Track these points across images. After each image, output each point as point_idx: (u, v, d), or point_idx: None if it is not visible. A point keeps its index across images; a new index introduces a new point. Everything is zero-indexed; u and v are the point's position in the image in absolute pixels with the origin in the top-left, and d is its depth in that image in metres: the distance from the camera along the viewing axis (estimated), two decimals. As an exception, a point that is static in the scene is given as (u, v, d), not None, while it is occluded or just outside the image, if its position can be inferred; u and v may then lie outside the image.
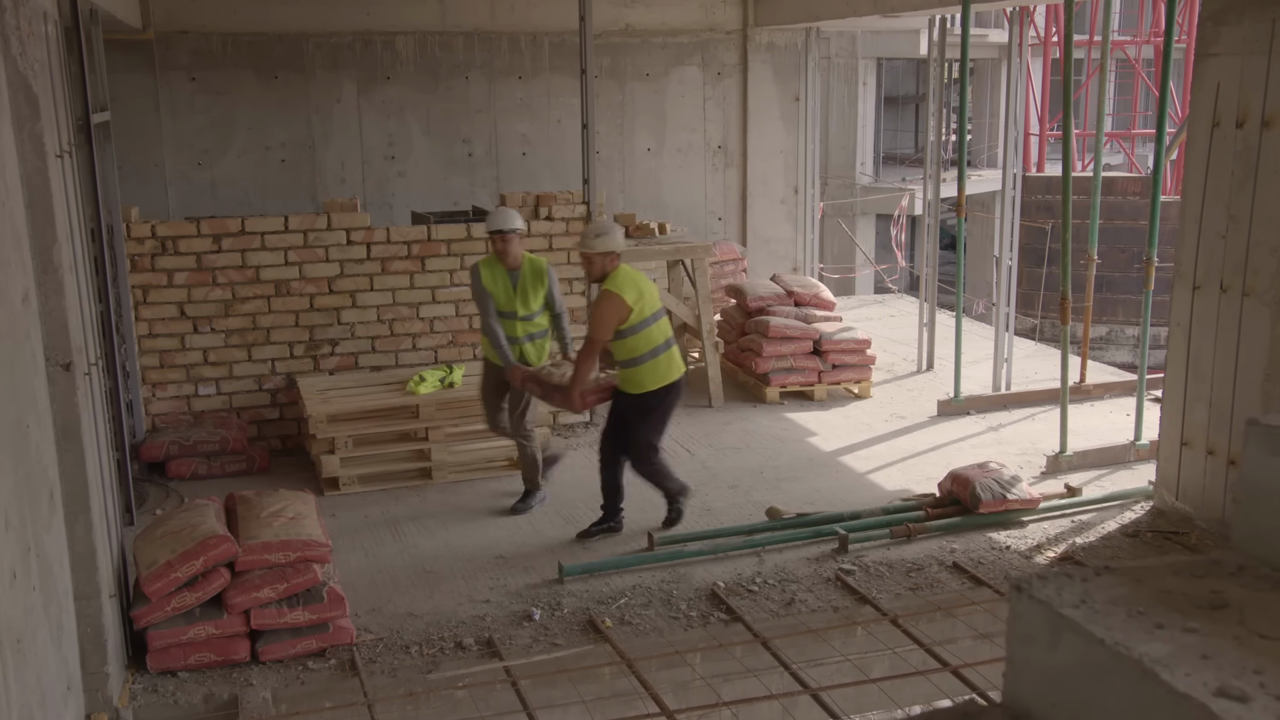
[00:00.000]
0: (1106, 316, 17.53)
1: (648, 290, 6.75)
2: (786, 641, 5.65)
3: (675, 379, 6.82)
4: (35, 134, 4.51)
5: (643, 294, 6.68)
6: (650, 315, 6.70)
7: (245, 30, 11.04)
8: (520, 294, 7.23)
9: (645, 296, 6.69)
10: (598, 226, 6.85)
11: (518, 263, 7.26)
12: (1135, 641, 1.24)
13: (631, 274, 6.75)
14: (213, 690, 5.26)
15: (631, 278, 6.71)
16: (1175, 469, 6.94)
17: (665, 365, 6.76)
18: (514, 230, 7.18)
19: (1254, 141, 6.24)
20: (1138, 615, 1.31)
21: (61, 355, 4.68)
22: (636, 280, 6.72)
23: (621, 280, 6.64)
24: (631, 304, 6.58)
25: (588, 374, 6.79)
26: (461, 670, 5.38)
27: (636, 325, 6.63)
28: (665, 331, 6.81)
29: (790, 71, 12.75)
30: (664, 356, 6.74)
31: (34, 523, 4.12)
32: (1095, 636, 1.26)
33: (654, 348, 6.70)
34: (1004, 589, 6.15)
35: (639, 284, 6.70)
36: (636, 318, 6.61)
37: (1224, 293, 6.48)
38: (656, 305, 6.81)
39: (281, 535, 5.51)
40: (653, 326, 6.70)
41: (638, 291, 6.65)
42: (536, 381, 7.03)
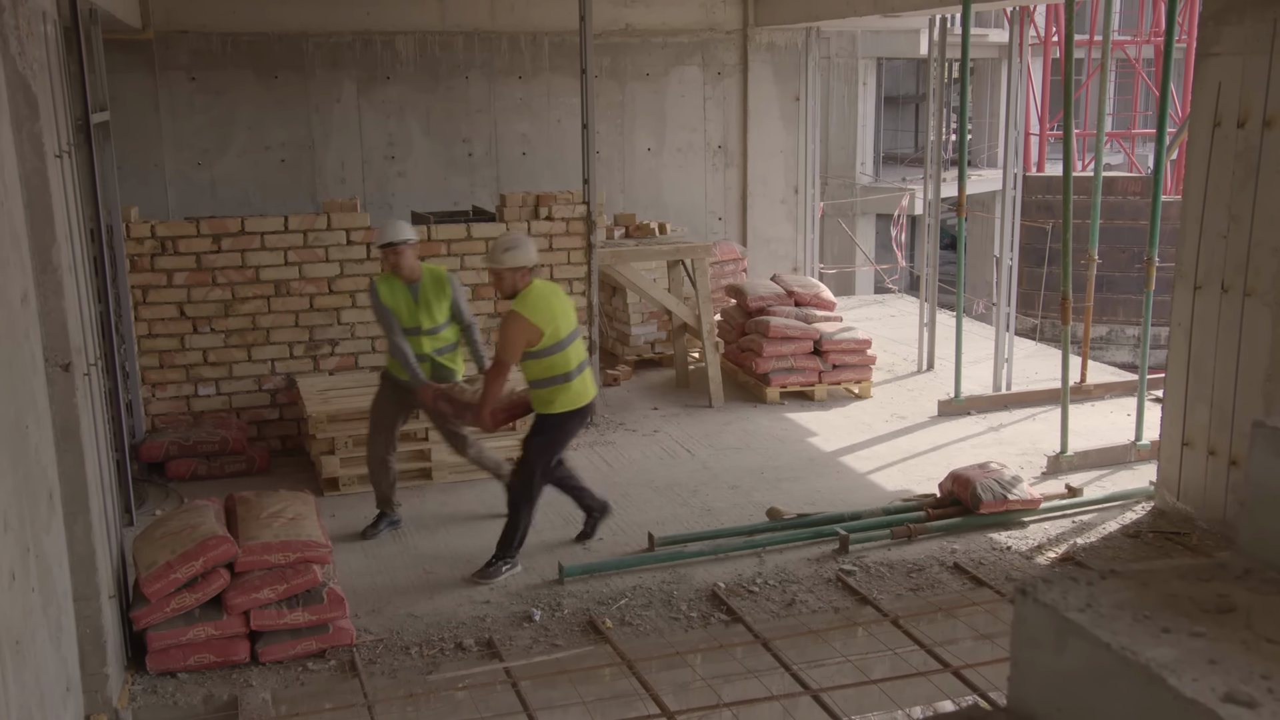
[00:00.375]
0: (1107, 316, 17.53)
1: (562, 310, 6.33)
2: (787, 642, 5.64)
3: (583, 405, 6.44)
4: (34, 134, 4.50)
5: (555, 315, 6.24)
6: (565, 337, 6.28)
7: (245, 30, 11.03)
8: (423, 307, 6.86)
9: (560, 318, 6.27)
10: (507, 240, 6.36)
11: (416, 275, 6.87)
12: (1142, 646, 1.23)
13: (546, 292, 6.34)
14: (212, 691, 5.25)
15: (545, 297, 6.28)
16: (1176, 469, 6.93)
17: (576, 390, 6.37)
18: (405, 242, 6.79)
19: (1255, 141, 6.23)
20: (1144, 619, 1.30)
21: (60, 356, 4.67)
22: (550, 300, 6.30)
23: (533, 300, 6.21)
24: (542, 326, 6.16)
25: (498, 394, 6.38)
26: (462, 671, 5.37)
27: (549, 348, 6.23)
28: (580, 354, 6.43)
29: (790, 71, 12.75)
30: (576, 380, 6.37)
31: (33, 524, 4.11)
32: (1101, 641, 1.25)
33: (566, 372, 6.31)
34: (1005, 590, 6.14)
35: (553, 304, 6.28)
36: (549, 340, 6.21)
37: (1225, 293, 6.47)
38: (572, 326, 6.39)
39: (281, 536, 5.50)
40: (567, 349, 6.30)
41: (550, 312, 6.22)
42: (448, 400, 6.70)
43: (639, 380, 10.59)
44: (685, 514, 7.39)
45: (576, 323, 6.49)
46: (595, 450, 8.64)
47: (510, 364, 6.26)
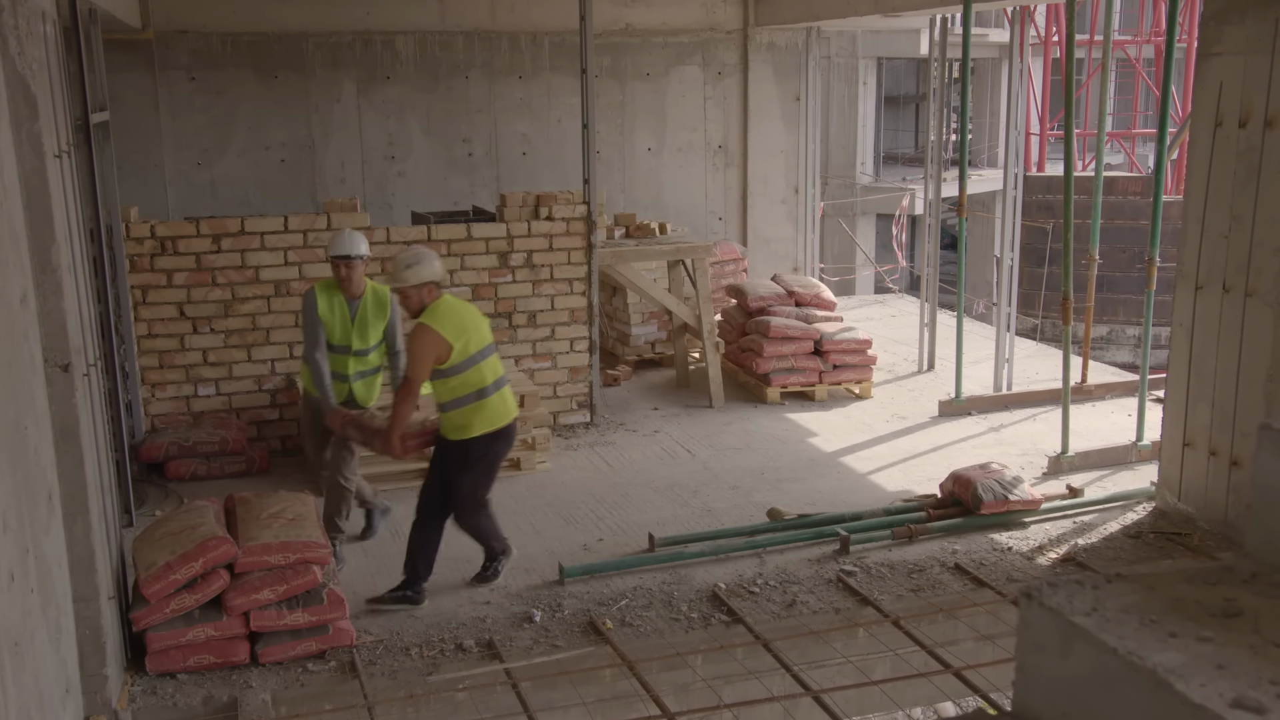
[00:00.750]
0: (1107, 316, 17.52)
1: (473, 324, 6.01)
2: (788, 643, 5.63)
3: (504, 424, 6.09)
4: (33, 134, 4.49)
5: (466, 329, 5.93)
6: (477, 352, 5.96)
7: (245, 30, 11.02)
8: (359, 326, 6.55)
9: (470, 331, 5.95)
10: (408, 256, 6.01)
11: (360, 291, 6.57)
12: (1149, 651, 1.22)
13: (455, 307, 6.03)
14: (212, 692, 5.24)
15: (454, 311, 5.97)
16: (1178, 470, 6.92)
17: (494, 409, 6.03)
18: (360, 256, 6.50)
19: (1257, 141, 6.22)
20: (1150, 624, 1.28)
21: (60, 356, 4.66)
22: (460, 314, 5.99)
23: (441, 313, 5.91)
24: (451, 339, 5.84)
25: (407, 415, 6.00)
26: (462, 672, 5.36)
27: (459, 364, 5.89)
28: (496, 370, 6.08)
29: (791, 71, 12.74)
30: (494, 398, 6.01)
31: (32, 525, 4.10)
32: (1108, 646, 1.24)
33: (480, 388, 5.96)
34: (1006, 590, 6.13)
35: (463, 318, 5.97)
36: (459, 355, 5.88)
37: (1227, 293, 6.46)
38: (485, 340, 6.06)
39: (281, 537, 5.49)
40: (480, 364, 5.96)
41: (460, 326, 5.90)
42: (357, 427, 6.31)
43: (639, 380, 10.58)
44: (686, 514, 7.38)
45: (491, 339, 6.15)
46: (595, 450, 8.63)
47: (419, 381, 5.92)
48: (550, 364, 9.11)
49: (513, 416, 6.20)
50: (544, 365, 9.08)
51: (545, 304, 9.01)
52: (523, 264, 8.90)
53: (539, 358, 9.07)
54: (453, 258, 8.80)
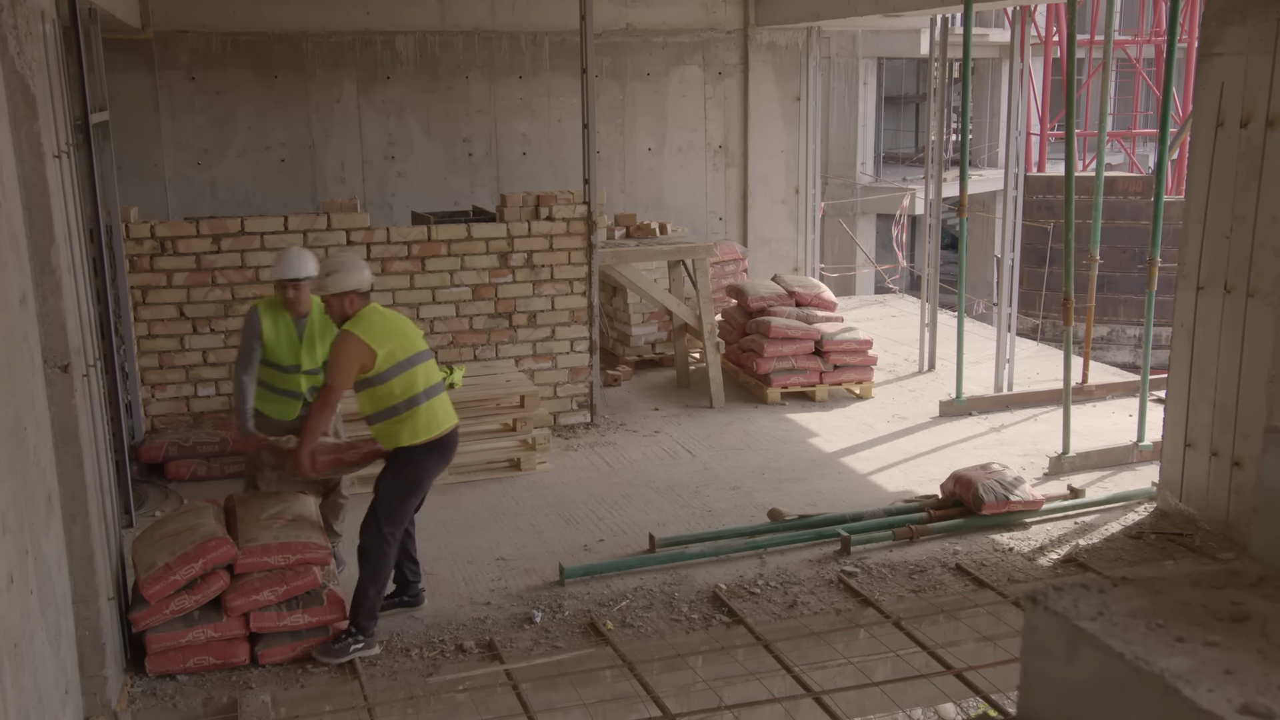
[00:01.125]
0: (1108, 316, 17.51)
1: (401, 331, 5.70)
2: (789, 644, 5.62)
3: (437, 435, 5.68)
4: (33, 134, 4.47)
5: (393, 335, 5.62)
6: (405, 359, 5.61)
7: (244, 30, 11.01)
8: (306, 344, 6.29)
9: (397, 338, 5.63)
10: (331, 264, 5.75)
11: (307, 310, 6.31)
12: (1156, 656, 1.21)
13: (383, 314, 5.73)
14: (212, 693, 5.22)
15: (380, 318, 5.67)
16: (1179, 470, 6.91)
17: (424, 419, 5.63)
18: (308, 278, 6.19)
19: (1258, 141, 6.21)
20: (1157, 628, 1.27)
21: (59, 357, 4.65)
22: (388, 321, 5.70)
23: (367, 320, 5.61)
24: (376, 346, 5.52)
25: (323, 426, 5.67)
26: (462, 673, 5.35)
27: (385, 372, 5.55)
28: (430, 378, 5.71)
29: (791, 71, 12.73)
30: (424, 408, 5.62)
31: (31, 526, 4.09)
32: (1114, 650, 1.22)
33: (410, 397, 5.59)
34: (1007, 591, 6.12)
35: (390, 324, 5.68)
36: (385, 362, 5.54)
37: (1228, 294, 6.45)
38: (416, 348, 5.71)
39: (281, 538, 5.47)
40: (410, 372, 5.61)
41: (386, 332, 5.60)
42: (272, 451, 5.94)
43: (639, 381, 10.57)
44: (686, 515, 7.37)
45: (424, 346, 5.79)
46: (595, 451, 8.62)
47: (339, 389, 5.59)
48: (550, 364, 9.10)
49: (447, 427, 5.74)
50: (544, 365, 9.07)
51: (545, 304, 9.00)
52: (523, 264, 8.89)
53: (539, 358, 9.05)
54: (453, 258, 8.79)
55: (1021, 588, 6.15)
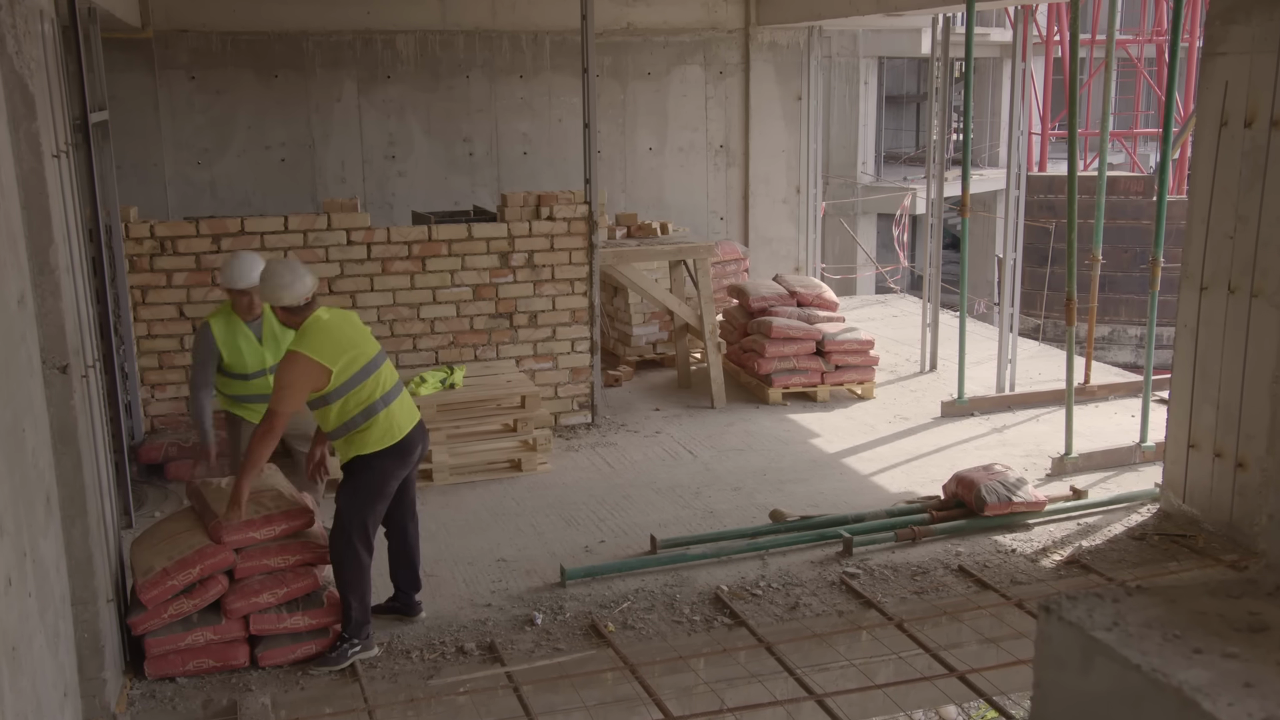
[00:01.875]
0: (1109, 316, 17.48)
1: (352, 339, 5.39)
2: (791, 646, 5.59)
3: (400, 439, 5.45)
4: (31, 134, 4.45)
5: (343, 347, 5.31)
6: (359, 371, 5.34)
7: (245, 29, 10.98)
8: (269, 344, 6.24)
9: (349, 349, 5.33)
10: (278, 274, 5.38)
11: (260, 311, 6.25)
12: (1173, 668, 1.18)
13: (331, 322, 5.40)
14: (211, 696, 5.20)
15: (330, 329, 5.35)
16: (1182, 472, 6.88)
17: (383, 427, 5.40)
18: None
19: (1263, 141, 6.18)
20: (1174, 639, 1.25)
21: (58, 358, 4.62)
22: (338, 329, 5.39)
23: (315, 334, 5.28)
24: (329, 364, 5.22)
25: (263, 456, 5.32)
26: (463, 675, 5.32)
27: (340, 387, 5.29)
28: (386, 383, 5.46)
29: (792, 70, 12.70)
30: (382, 415, 5.39)
31: (30, 528, 4.07)
32: (1130, 662, 1.20)
33: (367, 407, 5.36)
34: (1010, 593, 6.09)
35: (342, 332, 5.38)
36: (339, 378, 5.27)
37: (1232, 294, 6.42)
38: (368, 355, 5.42)
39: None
40: (365, 382, 5.36)
41: (337, 346, 5.29)
42: (198, 497, 5.65)
43: (640, 381, 10.54)
44: (688, 516, 7.35)
45: (377, 348, 5.54)
46: (596, 451, 8.60)
47: (284, 416, 5.26)
48: (551, 364, 9.07)
49: (408, 430, 5.49)
50: (545, 366, 9.04)
51: (546, 304, 8.98)
52: (524, 264, 8.86)
53: (540, 358, 9.03)
54: (454, 258, 8.77)
55: (1025, 589, 6.12)
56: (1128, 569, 6.35)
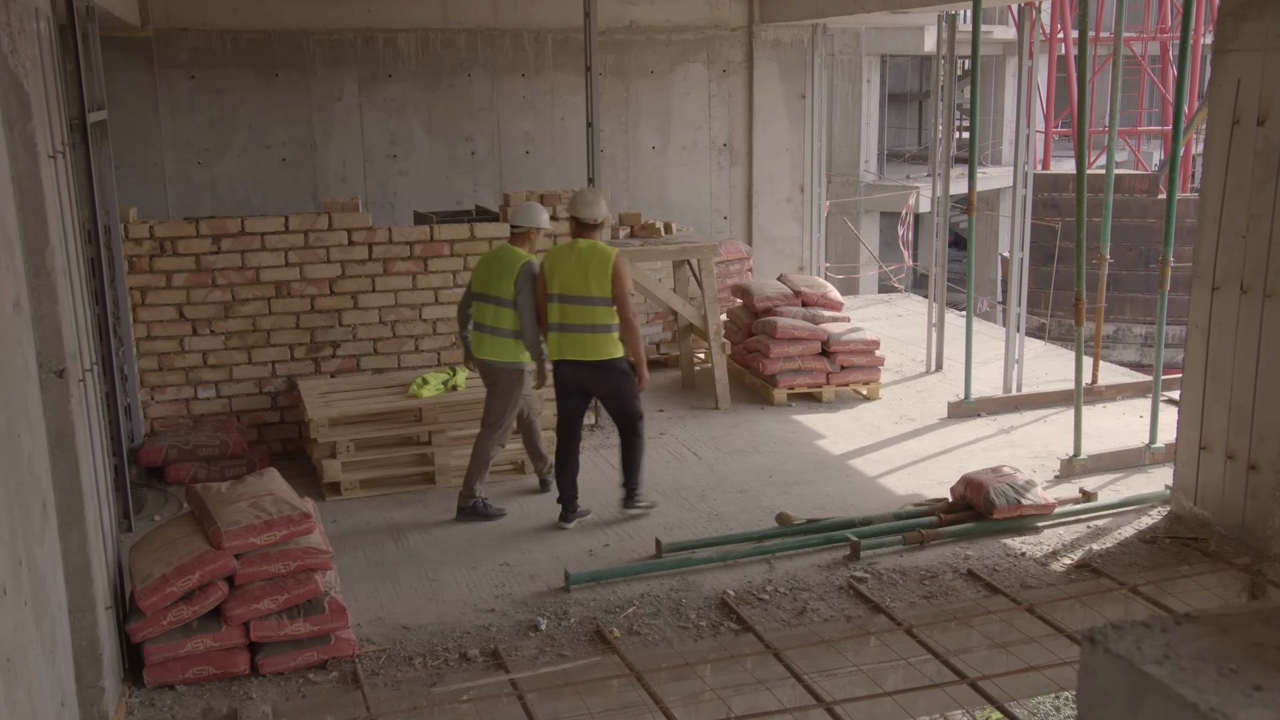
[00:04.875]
0: (1114, 315, 17.40)
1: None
2: (798, 652, 5.51)
3: (561, 358, 7.20)
4: (27, 134, 4.37)
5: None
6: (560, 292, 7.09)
7: (245, 28, 10.91)
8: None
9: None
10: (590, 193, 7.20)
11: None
12: (1233, 707, 1.10)
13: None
14: (211, 704, 5.12)
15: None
16: (1193, 473, 6.80)
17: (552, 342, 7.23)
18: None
19: (1275, 139, 6.10)
20: (1230, 674, 1.17)
21: (55, 361, 4.54)
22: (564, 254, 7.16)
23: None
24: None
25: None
26: (466, 683, 5.24)
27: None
28: (565, 314, 7.09)
29: (796, 69, 12.62)
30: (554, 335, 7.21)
31: (25, 536, 3.99)
32: (1186, 700, 1.12)
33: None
34: (1020, 597, 6.01)
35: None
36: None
37: (1244, 294, 6.33)
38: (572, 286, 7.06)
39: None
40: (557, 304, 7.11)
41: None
42: (198, 501, 5.63)
43: (644, 381, 10.44)
44: (693, 519, 7.27)
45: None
46: (600, 453, 8.52)
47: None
48: (554, 365, 8.98)
49: (567, 356, 7.23)
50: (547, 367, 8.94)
51: (549, 305, 8.88)
52: (526, 264, 8.77)
53: (543, 359, 8.94)
54: (456, 258, 8.69)
55: (1035, 594, 6.04)
56: (1139, 573, 6.27)
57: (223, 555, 5.22)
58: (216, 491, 5.63)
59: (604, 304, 6.96)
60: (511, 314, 7.14)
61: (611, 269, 6.92)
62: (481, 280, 7.26)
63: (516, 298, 7.10)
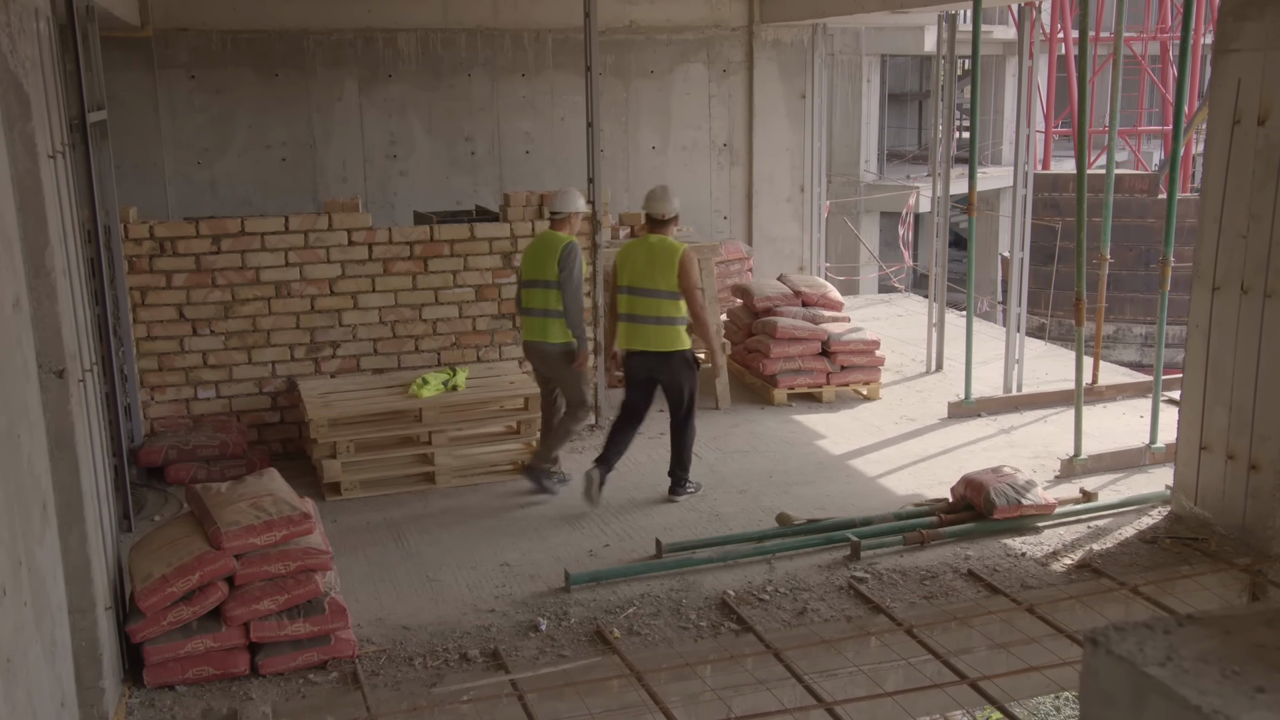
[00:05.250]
0: (1113, 315, 17.40)
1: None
2: (799, 652, 5.51)
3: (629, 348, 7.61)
4: (26, 134, 4.37)
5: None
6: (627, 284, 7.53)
7: (245, 27, 10.90)
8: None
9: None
10: (660, 190, 7.71)
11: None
12: (1236, 709, 1.10)
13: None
14: (211, 704, 5.12)
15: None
16: (1194, 474, 6.79)
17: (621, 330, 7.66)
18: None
19: (1276, 139, 6.09)
20: (1233, 675, 1.16)
21: (54, 362, 4.54)
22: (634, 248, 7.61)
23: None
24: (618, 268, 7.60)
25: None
26: (466, 684, 5.24)
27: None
28: (631, 306, 7.50)
29: (796, 68, 12.61)
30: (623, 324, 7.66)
31: (25, 536, 3.99)
32: (1189, 702, 1.12)
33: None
34: (1020, 597, 6.01)
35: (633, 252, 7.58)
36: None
37: (1245, 294, 6.33)
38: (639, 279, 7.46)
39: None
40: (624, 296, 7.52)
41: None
42: (198, 501, 5.65)
43: (644, 381, 10.44)
44: (693, 519, 7.27)
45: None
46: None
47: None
48: (554, 365, 8.98)
49: (634, 347, 7.62)
50: (548, 367, 8.94)
51: (549, 305, 8.88)
52: (527, 264, 8.77)
53: (543, 359, 8.93)
54: (456, 258, 8.69)
55: (1035, 594, 6.04)
56: (1140, 573, 6.27)
57: (223, 556, 5.22)
58: (216, 492, 5.63)
59: (669, 297, 7.30)
60: (557, 295, 7.47)
61: (678, 263, 7.28)
62: (529, 267, 7.60)
63: (560, 275, 7.42)
